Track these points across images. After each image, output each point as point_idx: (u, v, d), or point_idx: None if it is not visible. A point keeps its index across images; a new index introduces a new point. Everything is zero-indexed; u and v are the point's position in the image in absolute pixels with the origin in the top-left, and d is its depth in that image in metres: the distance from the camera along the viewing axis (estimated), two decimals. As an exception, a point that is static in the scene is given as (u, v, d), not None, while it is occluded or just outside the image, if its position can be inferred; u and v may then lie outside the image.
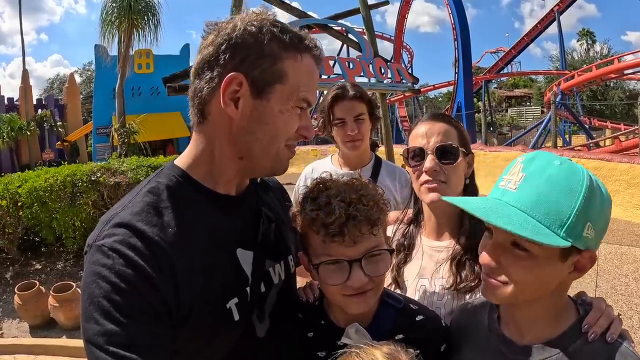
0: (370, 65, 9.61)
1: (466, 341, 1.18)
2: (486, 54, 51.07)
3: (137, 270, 0.87)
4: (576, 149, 16.90)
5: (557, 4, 35.15)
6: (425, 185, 1.41)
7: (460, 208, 1.42)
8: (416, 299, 1.38)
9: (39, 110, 28.57)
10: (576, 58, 43.37)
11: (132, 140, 14.65)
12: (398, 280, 1.47)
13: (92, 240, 0.93)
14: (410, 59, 40.55)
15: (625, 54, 25.56)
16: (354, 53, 10.62)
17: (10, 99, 29.24)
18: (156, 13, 15.26)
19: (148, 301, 0.87)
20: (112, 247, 0.89)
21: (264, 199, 1.24)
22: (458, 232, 1.43)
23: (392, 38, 37.36)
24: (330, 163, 2.56)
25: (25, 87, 27.39)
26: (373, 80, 9.79)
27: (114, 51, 16.24)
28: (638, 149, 13.19)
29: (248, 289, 1.07)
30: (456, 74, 28.89)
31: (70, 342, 4.57)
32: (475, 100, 32.54)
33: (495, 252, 0.98)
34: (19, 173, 6.42)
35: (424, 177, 1.41)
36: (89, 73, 46.54)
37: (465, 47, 27.23)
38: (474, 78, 32.21)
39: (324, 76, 9.12)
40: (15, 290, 5.01)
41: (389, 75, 10.06)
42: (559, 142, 19.58)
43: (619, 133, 20.93)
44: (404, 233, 1.55)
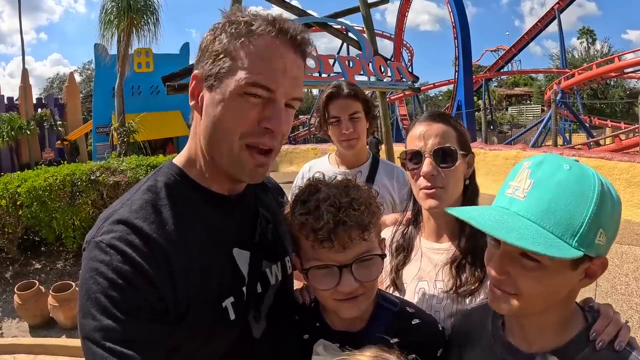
0: (370, 64, 9.61)
1: (469, 347, 1.15)
2: (486, 52, 51.03)
3: (135, 267, 0.87)
4: (576, 147, 16.88)
5: (558, 2, 35.09)
6: (423, 191, 1.37)
7: (461, 204, 1.41)
8: (415, 302, 1.36)
9: (39, 110, 28.57)
10: (576, 56, 43.35)
11: (132, 139, 14.65)
12: (397, 283, 1.45)
13: (91, 237, 0.93)
14: (410, 58, 40.48)
15: (626, 52, 25.51)
16: (354, 51, 10.61)
17: (10, 98, 29.21)
18: (155, 12, 15.28)
19: (145, 298, 0.87)
20: (110, 244, 0.89)
21: (263, 199, 1.23)
22: (458, 234, 1.40)
23: (392, 36, 37.28)
24: (327, 162, 2.56)
25: (25, 87, 27.37)
26: (373, 78, 9.79)
27: (113, 50, 16.25)
28: (638, 148, 13.18)
29: (244, 288, 1.06)
30: (456, 73, 28.86)
31: (70, 342, 4.56)
32: (475, 98, 32.49)
33: (503, 263, 0.94)
34: (19, 172, 6.41)
35: (422, 182, 1.37)
36: (89, 72, 46.57)
37: (465, 46, 27.19)
38: (474, 76, 32.17)
39: (324, 75, 9.11)
40: (15, 289, 5.01)
41: (389, 74, 10.05)
42: (559, 141, 19.57)
43: (619, 132, 20.92)
44: (403, 235, 1.53)
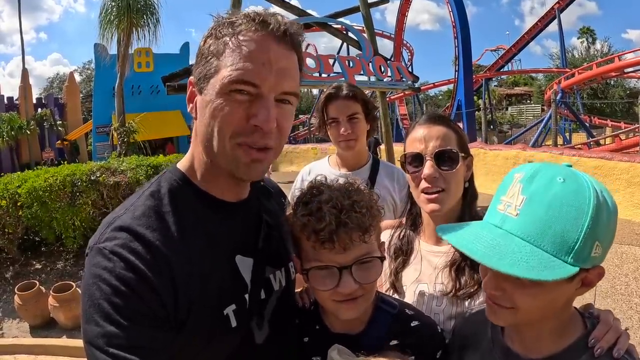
0: (370, 64, 9.61)
1: (469, 351, 1.16)
2: (486, 51, 51.03)
3: (138, 274, 0.88)
4: (576, 147, 16.86)
5: (558, 2, 35.06)
6: (425, 195, 1.37)
7: (461, 207, 1.41)
8: (414, 304, 1.36)
9: (39, 110, 28.59)
10: (577, 56, 43.33)
11: (132, 139, 14.64)
12: (396, 285, 1.45)
13: (94, 243, 0.93)
14: (410, 57, 40.46)
15: (626, 52, 25.49)
16: (354, 51, 10.61)
17: (10, 98, 29.22)
18: (155, 12, 15.26)
19: (148, 305, 0.87)
20: (113, 251, 0.89)
21: (266, 205, 1.23)
22: None
23: (392, 36, 37.26)
24: (327, 164, 2.56)
25: (25, 86, 27.39)
26: (373, 78, 9.80)
27: (113, 50, 16.23)
28: (638, 148, 13.18)
29: (247, 295, 1.06)
30: (456, 72, 28.86)
31: (70, 342, 4.56)
32: (475, 98, 32.49)
33: (497, 280, 0.92)
34: (19, 173, 6.42)
35: (424, 185, 1.36)
36: (89, 72, 46.61)
37: (465, 45, 27.19)
38: (474, 76, 32.17)
39: (324, 75, 9.11)
40: (16, 290, 5.01)
41: (389, 74, 10.06)
42: (559, 141, 19.57)
43: (620, 131, 20.90)
44: (402, 238, 1.52)
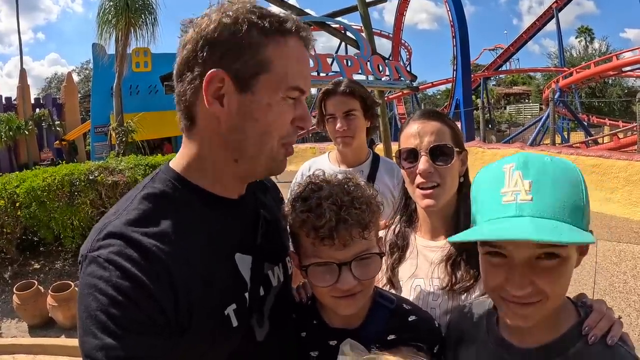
0: (368, 63, 9.63)
1: (465, 344, 1.16)
2: (484, 51, 51.13)
3: (134, 282, 0.85)
4: (574, 146, 16.89)
5: (556, 1, 35.11)
6: (420, 190, 1.37)
7: (456, 201, 1.42)
8: (411, 299, 1.37)
9: (37, 110, 28.49)
10: (575, 55, 43.33)
11: (130, 138, 14.62)
12: (393, 281, 1.46)
13: (86, 251, 0.90)
14: (408, 56, 40.47)
15: (624, 51, 25.57)
16: (352, 51, 10.62)
17: (8, 99, 29.11)
18: (153, 11, 15.21)
19: (146, 313, 0.85)
20: (108, 259, 0.86)
21: (262, 200, 1.21)
22: (454, 232, 1.40)
23: (390, 35, 37.27)
24: (327, 160, 2.56)
25: (23, 87, 27.33)
26: (371, 77, 9.81)
27: (111, 50, 16.20)
28: (636, 146, 13.21)
29: (247, 294, 1.04)
30: (454, 71, 28.86)
31: (69, 342, 4.56)
32: (473, 97, 32.52)
33: (525, 276, 0.89)
34: (17, 173, 6.41)
35: (419, 180, 1.37)
36: (87, 72, 46.51)
37: (463, 45, 27.18)
38: (472, 75, 32.19)
39: (322, 74, 9.12)
40: (14, 290, 5.01)
41: (387, 73, 10.09)
42: (558, 139, 19.58)
43: (618, 130, 20.95)
44: (397, 233, 1.53)
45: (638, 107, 12.05)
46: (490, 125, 33.50)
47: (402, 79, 10.32)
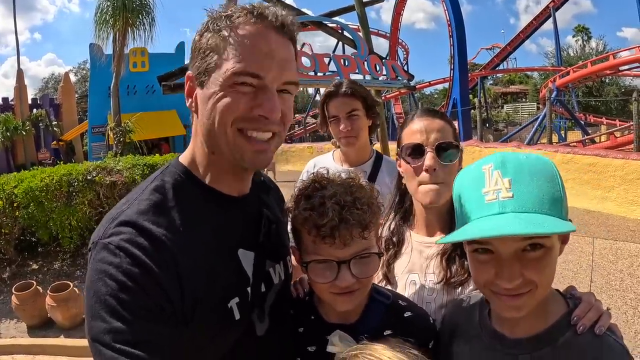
0: (365, 63, 9.63)
1: (458, 337, 1.19)
2: (482, 50, 51.21)
3: (144, 269, 0.88)
4: (571, 145, 16.92)
5: (553, 0, 35.18)
6: (425, 186, 1.38)
7: (451, 198, 1.43)
8: (406, 294, 1.39)
9: (34, 110, 28.48)
10: (572, 54, 43.35)
11: (128, 139, 14.59)
12: (388, 276, 1.48)
13: (98, 238, 0.93)
14: (405, 56, 40.54)
15: (621, 50, 25.69)
16: (349, 50, 10.62)
17: (5, 99, 29.08)
18: (151, 11, 15.19)
19: (154, 300, 0.88)
20: (119, 246, 0.89)
21: (265, 200, 1.25)
22: (449, 229, 1.41)
23: (387, 35, 37.22)
24: (331, 159, 2.60)
25: (20, 87, 27.27)
26: (368, 77, 9.81)
27: (108, 50, 16.20)
28: (633, 145, 13.24)
29: (249, 289, 1.08)
30: (452, 71, 28.88)
31: (68, 342, 4.56)
32: (470, 96, 32.56)
33: (514, 268, 0.93)
34: (15, 173, 6.41)
35: (424, 176, 1.37)
36: (84, 72, 46.40)
37: (460, 44, 27.20)
38: (469, 74, 32.24)
39: (320, 73, 9.12)
40: (13, 290, 5.01)
41: (384, 72, 10.08)
42: (555, 138, 19.63)
43: (614, 129, 20.97)
44: (393, 230, 1.55)
45: (635, 106, 12.09)
46: (487, 125, 33.54)
47: (399, 78, 10.33)
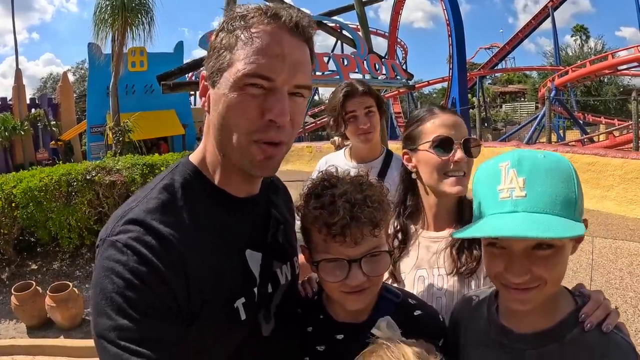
0: (364, 62, 9.62)
1: (466, 333, 1.20)
2: (480, 50, 51.21)
3: (151, 267, 0.88)
4: (570, 144, 16.94)
5: (551, 0, 35.23)
6: (451, 178, 1.43)
7: (464, 203, 1.46)
8: (415, 290, 1.40)
9: (33, 110, 28.43)
10: (570, 54, 43.34)
11: (127, 138, 14.58)
12: (395, 274, 1.49)
13: (106, 235, 0.93)
14: (404, 55, 40.59)
15: (619, 49, 25.74)
16: (349, 49, 10.61)
17: (3, 99, 29.01)
18: (150, 11, 15.17)
19: (161, 298, 0.88)
20: (127, 244, 0.89)
21: (274, 200, 1.24)
22: (457, 224, 1.46)
23: (386, 34, 37.26)
24: (343, 157, 2.65)
25: (18, 87, 27.22)
26: (367, 76, 9.80)
27: (107, 49, 16.15)
28: (632, 144, 13.26)
29: (255, 289, 1.07)
30: (450, 70, 28.92)
31: (67, 342, 4.55)
32: (469, 96, 32.63)
33: (523, 264, 0.95)
34: (14, 173, 6.40)
35: (452, 167, 1.43)
36: (82, 71, 46.38)
37: (459, 43, 27.24)
38: (468, 74, 32.27)
39: (319, 73, 9.11)
40: (12, 291, 5.00)
41: (384, 72, 10.07)
42: (553, 138, 19.65)
43: (613, 128, 21.02)
44: (397, 228, 1.56)
45: (634, 106, 12.10)
46: (486, 124, 33.57)
47: (399, 77, 10.32)
